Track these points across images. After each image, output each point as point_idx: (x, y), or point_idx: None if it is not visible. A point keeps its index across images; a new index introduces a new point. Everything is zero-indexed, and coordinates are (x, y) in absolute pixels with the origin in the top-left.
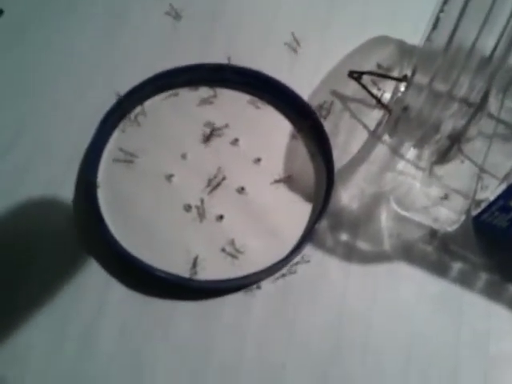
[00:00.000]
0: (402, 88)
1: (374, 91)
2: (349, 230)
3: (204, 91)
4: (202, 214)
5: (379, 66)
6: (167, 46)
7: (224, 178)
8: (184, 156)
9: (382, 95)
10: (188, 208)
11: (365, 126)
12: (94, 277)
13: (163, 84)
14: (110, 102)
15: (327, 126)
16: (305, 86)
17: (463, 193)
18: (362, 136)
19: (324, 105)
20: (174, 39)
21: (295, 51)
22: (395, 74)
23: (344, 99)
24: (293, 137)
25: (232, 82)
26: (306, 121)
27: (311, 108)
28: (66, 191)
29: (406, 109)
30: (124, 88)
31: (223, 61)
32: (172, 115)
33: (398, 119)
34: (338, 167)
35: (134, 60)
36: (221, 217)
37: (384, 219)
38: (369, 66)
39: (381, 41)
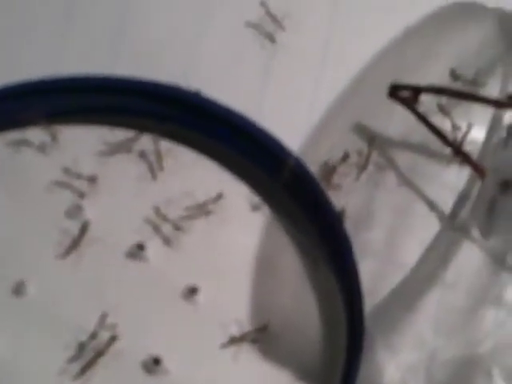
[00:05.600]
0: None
1: (446, 128)
2: None
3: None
4: None
5: (455, 74)
6: None
7: (114, 339)
8: (19, 289)
9: (464, 138)
10: None
11: (431, 205)
12: None
13: None
14: None
15: (342, 204)
16: (289, 116)
17: None
18: (424, 227)
19: (334, 159)
20: None
21: (271, 39)
22: (491, 91)
23: (381, 145)
24: (268, 231)
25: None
26: (293, 196)
27: (304, 167)
28: None
29: None
30: None
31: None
32: None
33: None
34: (372, 300)
35: None
36: None
37: None
38: (433, 73)
39: (459, 13)
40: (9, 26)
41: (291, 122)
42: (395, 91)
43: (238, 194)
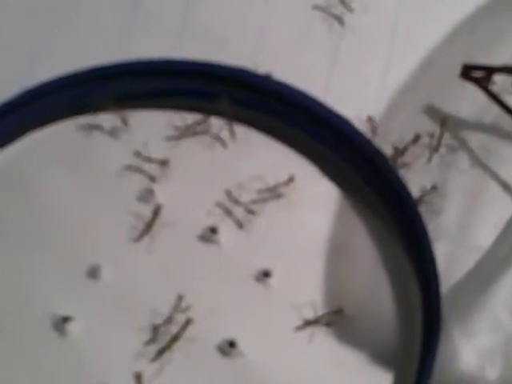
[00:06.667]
0: None
1: None
2: None
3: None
4: None
5: None
6: None
7: (189, 322)
8: (94, 272)
9: None
10: None
11: (504, 187)
12: None
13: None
14: None
15: (416, 187)
16: (358, 98)
17: None
18: (497, 209)
19: (404, 141)
20: None
21: (340, 21)
22: None
23: (453, 127)
24: (340, 214)
25: (168, 93)
26: (365, 177)
27: (376, 148)
28: None
29: None
30: None
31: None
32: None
33: None
34: (446, 284)
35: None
36: None
37: None
38: (504, 53)
39: None
40: (77, 12)
41: (360, 103)
42: (468, 71)
43: (308, 177)
